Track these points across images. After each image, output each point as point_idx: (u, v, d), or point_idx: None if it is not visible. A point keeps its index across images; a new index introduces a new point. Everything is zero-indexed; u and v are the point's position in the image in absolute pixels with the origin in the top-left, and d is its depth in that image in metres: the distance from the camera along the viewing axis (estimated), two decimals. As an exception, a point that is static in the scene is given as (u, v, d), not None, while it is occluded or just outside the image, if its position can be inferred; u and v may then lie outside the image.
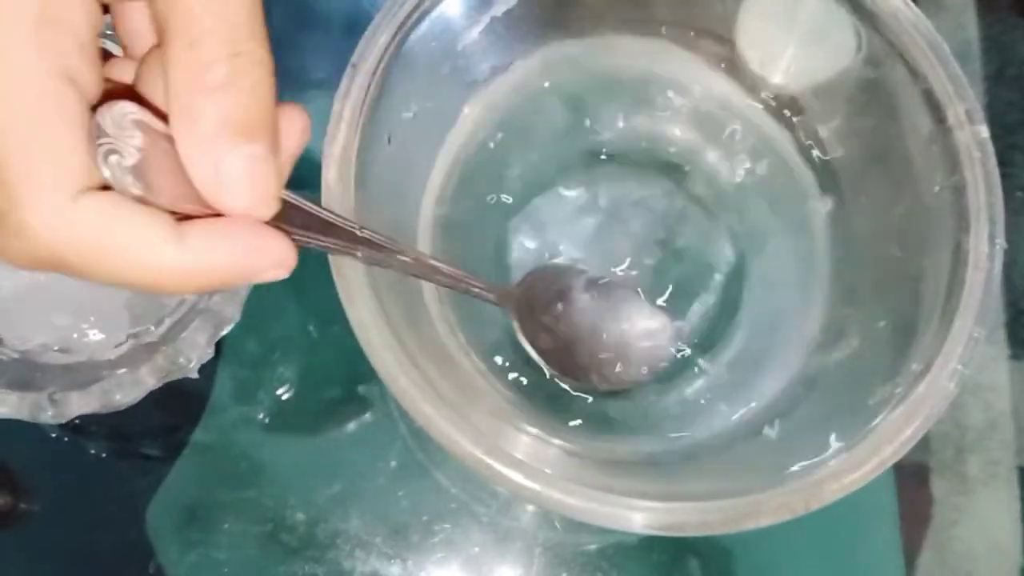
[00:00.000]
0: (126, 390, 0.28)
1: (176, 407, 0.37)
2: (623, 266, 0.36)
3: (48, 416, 0.28)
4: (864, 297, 0.32)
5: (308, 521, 0.36)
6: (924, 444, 0.46)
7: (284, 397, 0.38)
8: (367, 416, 0.38)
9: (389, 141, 0.30)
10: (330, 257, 0.27)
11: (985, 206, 0.28)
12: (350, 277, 0.27)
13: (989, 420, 0.54)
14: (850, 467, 0.26)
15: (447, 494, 0.37)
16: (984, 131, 0.28)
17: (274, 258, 0.19)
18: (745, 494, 0.25)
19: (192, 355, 0.28)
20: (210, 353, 0.29)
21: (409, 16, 0.29)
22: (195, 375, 0.30)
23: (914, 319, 0.29)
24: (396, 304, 0.29)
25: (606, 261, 0.36)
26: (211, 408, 0.37)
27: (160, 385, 0.29)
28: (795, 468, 0.26)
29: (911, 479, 0.50)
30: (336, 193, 0.27)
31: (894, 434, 0.26)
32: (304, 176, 0.27)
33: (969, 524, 0.51)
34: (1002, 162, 0.57)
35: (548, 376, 0.34)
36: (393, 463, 0.37)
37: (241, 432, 0.37)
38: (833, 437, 0.27)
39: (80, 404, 0.28)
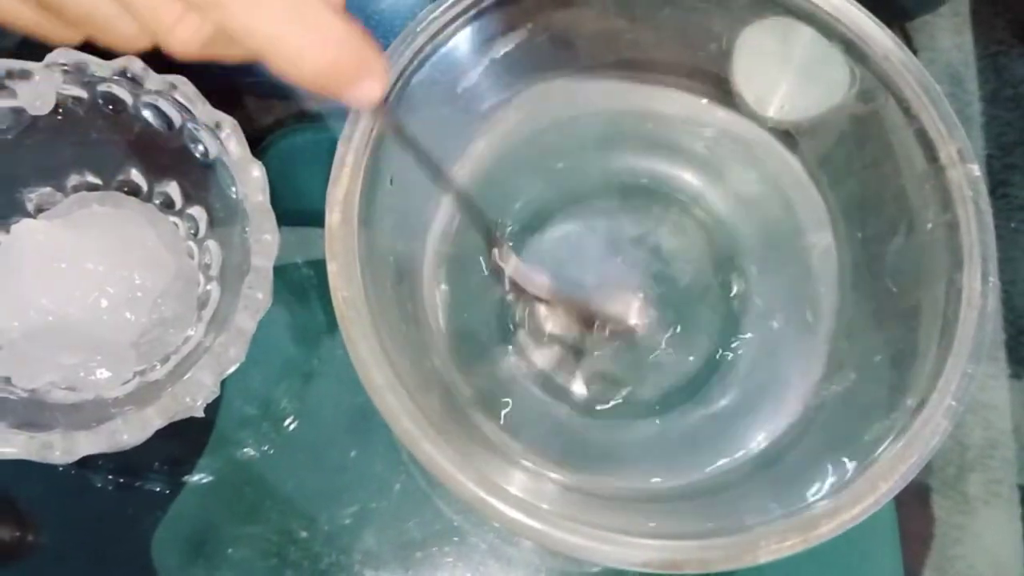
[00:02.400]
0: (133, 430, 0.28)
1: (182, 440, 0.38)
2: (623, 300, 0.36)
3: (56, 456, 0.28)
4: (861, 331, 0.33)
5: (313, 556, 0.36)
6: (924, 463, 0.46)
7: (288, 429, 0.38)
8: (370, 446, 0.38)
9: (392, 182, 0.30)
10: (333, 299, 0.28)
11: (978, 244, 0.28)
12: (352, 318, 0.27)
13: (990, 439, 0.54)
14: (847, 503, 0.26)
15: (451, 522, 0.37)
16: (976, 170, 0.29)
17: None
18: (743, 531, 0.26)
19: (198, 395, 0.29)
20: (216, 393, 0.30)
21: (411, 62, 0.29)
22: (201, 414, 0.30)
23: (910, 354, 0.29)
24: (397, 340, 0.29)
25: (606, 295, 0.36)
26: (216, 440, 0.38)
27: (166, 424, 0.29)
28: (793, 505, 0.27)
29: (912, 499, 0.50)
30: (339, 235, 0.28)
31: (890, 471, 0.26)
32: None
33: (971, 543, 0.51)
34: (1000, 182, 0.57)
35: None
36: (396, 493, 0.38)
37: (246, 464, 0.38)
38: (830, 473, 0.28)
39: (88, 444, 0.28)
